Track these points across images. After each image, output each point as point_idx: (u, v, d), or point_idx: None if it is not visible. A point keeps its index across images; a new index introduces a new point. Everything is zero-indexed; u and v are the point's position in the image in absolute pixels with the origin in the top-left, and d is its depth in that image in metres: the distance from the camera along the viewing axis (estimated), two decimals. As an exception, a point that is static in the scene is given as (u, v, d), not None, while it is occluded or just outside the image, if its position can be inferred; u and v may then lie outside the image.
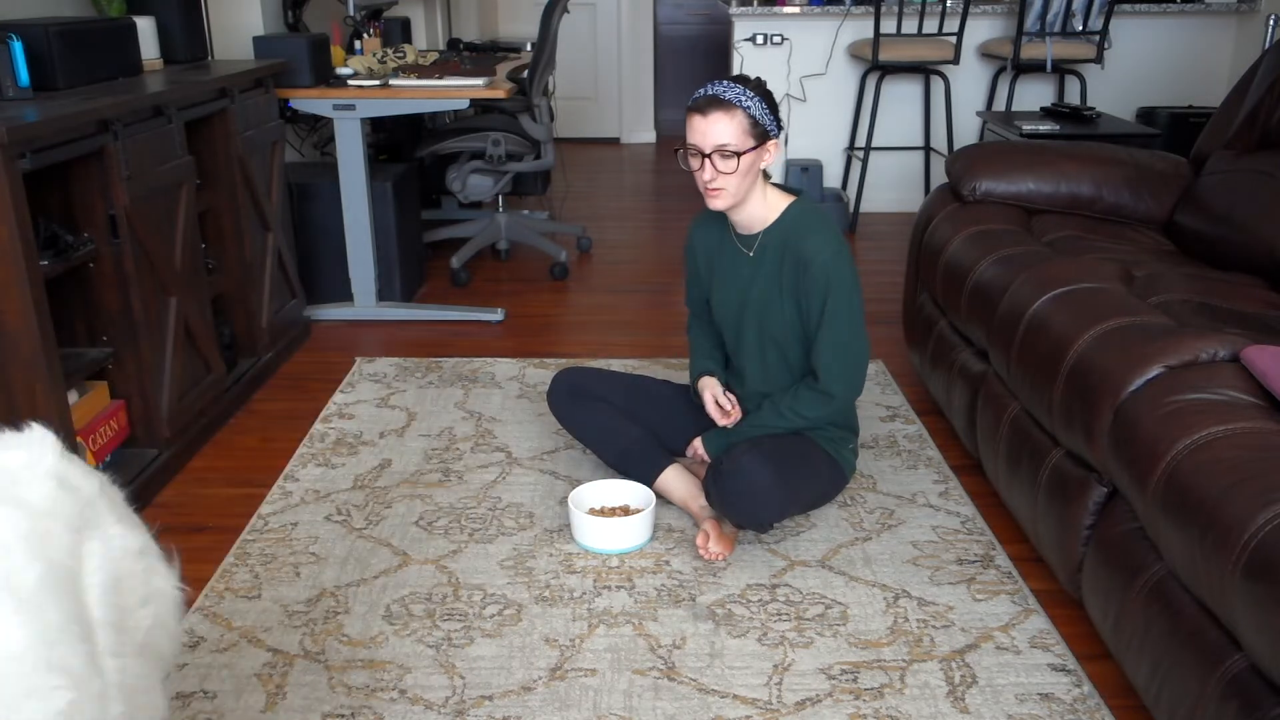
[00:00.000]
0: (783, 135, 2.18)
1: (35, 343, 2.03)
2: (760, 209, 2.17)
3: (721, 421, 2.28)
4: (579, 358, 3.27)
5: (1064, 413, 1.88)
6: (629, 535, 2.18)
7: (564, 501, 2.35)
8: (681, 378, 2.49)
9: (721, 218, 2.26)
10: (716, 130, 2.04)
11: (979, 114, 4.55)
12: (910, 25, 4.55)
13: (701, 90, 2.08)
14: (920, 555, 2.17)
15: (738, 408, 2.30)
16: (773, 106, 2.10)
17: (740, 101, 2.03)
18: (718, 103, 2.04)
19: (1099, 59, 4.53)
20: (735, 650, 1.87)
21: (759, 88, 2.08)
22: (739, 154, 2.04)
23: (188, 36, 3.09)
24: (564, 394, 2.44)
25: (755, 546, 2.20)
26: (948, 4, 4.41)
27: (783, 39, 4.99)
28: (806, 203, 2.20)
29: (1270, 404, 1.59)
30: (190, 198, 2.62)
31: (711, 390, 2.31)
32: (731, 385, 2.38)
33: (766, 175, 2.18)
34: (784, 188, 2.23)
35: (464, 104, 3.45)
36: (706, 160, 2.06)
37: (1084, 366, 1.84)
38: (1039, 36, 4.44)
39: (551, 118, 4.11)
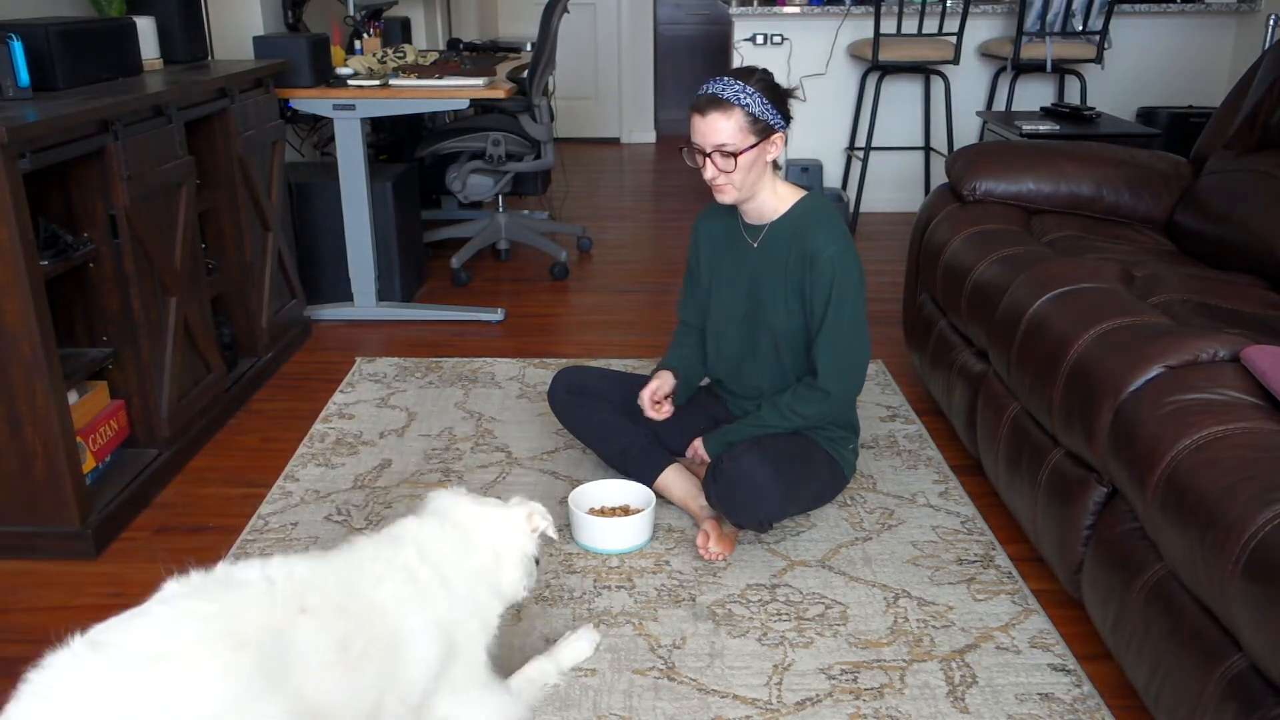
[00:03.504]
0: (792, 125, 2.16)
1: (35, 343, 2.03)
2: (770, 201, 2.17)
3: (648, 412, 2.30)
4: (579, 358, 3.27)
5: (1064, 413, 1.88)
6: (629, 535, 2.18)
7: (564, 501, 2.35)
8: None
9: (732, 208, 2.25)
10: (715, 130, 2.04)
11: (979, 114, 4.55)
12: (910, 25, 4.55)
13: (704, 87, 2.08)
14: (920, 555, 2.17)
15: (668, 410, 2.33)
16: (777, 98, 2.08)
17: (739, 100, 2.02)
18: (716, 102, 2.03)
19: (1099, 59, 4.54)
20: (735, 650, 1.87)
21: (762, 81, 2.06)
22: (737, 153, 2.04)
23: (188, 36, 3.09)
24: (564, 394, 2.44)
25: (755, 546, 2.20)
26: (948, 4, 4.41)
27: (783, 39, 4.99)
28: (817, 198, 2.20)
29: (1270, 404, 1.59)
30: (190, 198, 2.62)
31: (659, 383, 2.32)
32: (728, 386, 2.38)
33: (777, 166, 2.18)
34: (796, 185, 2.23)
35: (464, 104, 3.45)
36: (708, 159, 2.06)
37: (1084, 366, 1.84)
38: (1039, 36, 4.44)
39: (551, 118, 4.11)
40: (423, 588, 1.50)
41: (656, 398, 2.31)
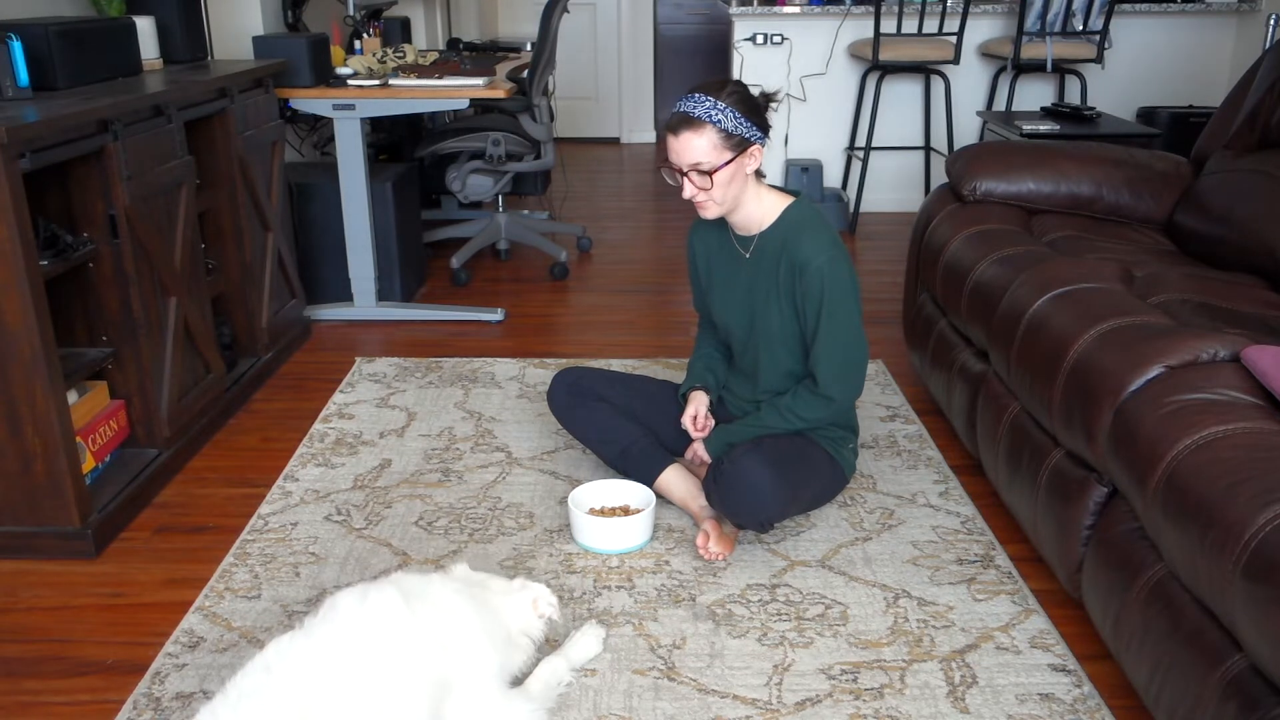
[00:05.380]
0: (772, 135, 2.13)
1: (35, 343, 2.03)
2: (756, 211, 2.16)
3: (693, 435, 2.29)
4: (579, 358, 3.27)
5: (1064, 413, 1.87)
6: (629, 535, 2.18)
7: (564, 501, 2.35)
8: (682, 377, 2.49)
9: (720, 219, 2.25)
10: (688, 149, 2.02)
11: (979, 114, 4.55)
12: (910, 25, 4.55)
13: (676, 104, 2.06)
14: (920, 555, 2.17)
15: (708, 427, 2.31)
16: (752, 110, 2.04)
17: (710, 117, 1.99)
18: (687, 121, 2.01)
19: (1099, 59, 4.54)
20: (735, 650, 1.87)
21: (734, 94, 2.02)
22: (712, 171, 2.02)
23: (188, 36, 3.09)
24: (564, 394, 2.43)
25: (755, 546, 2.20)
26: (948, 4, 4.41)
27: (783, 39, 4.99)
28: (804, 205, 2.19)
29: (1270, 404, 1.59)
30: (190, 198, 2.62)
31: (696, 406, 2.31)
32: (731, 387, 2.38)
33: (760, 175, 2.17)
34: (783, 189, 2.22)
35: (464, 104, 3.45)
36: (685, 178, 2.05)
37: (1084, 366, 1.84)
38: (1039, 36, 4.44)
39: (551, 118, 4.11)
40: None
41: (699, 424, 2.29)
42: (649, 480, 2.31)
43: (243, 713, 1.35)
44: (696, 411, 2.30)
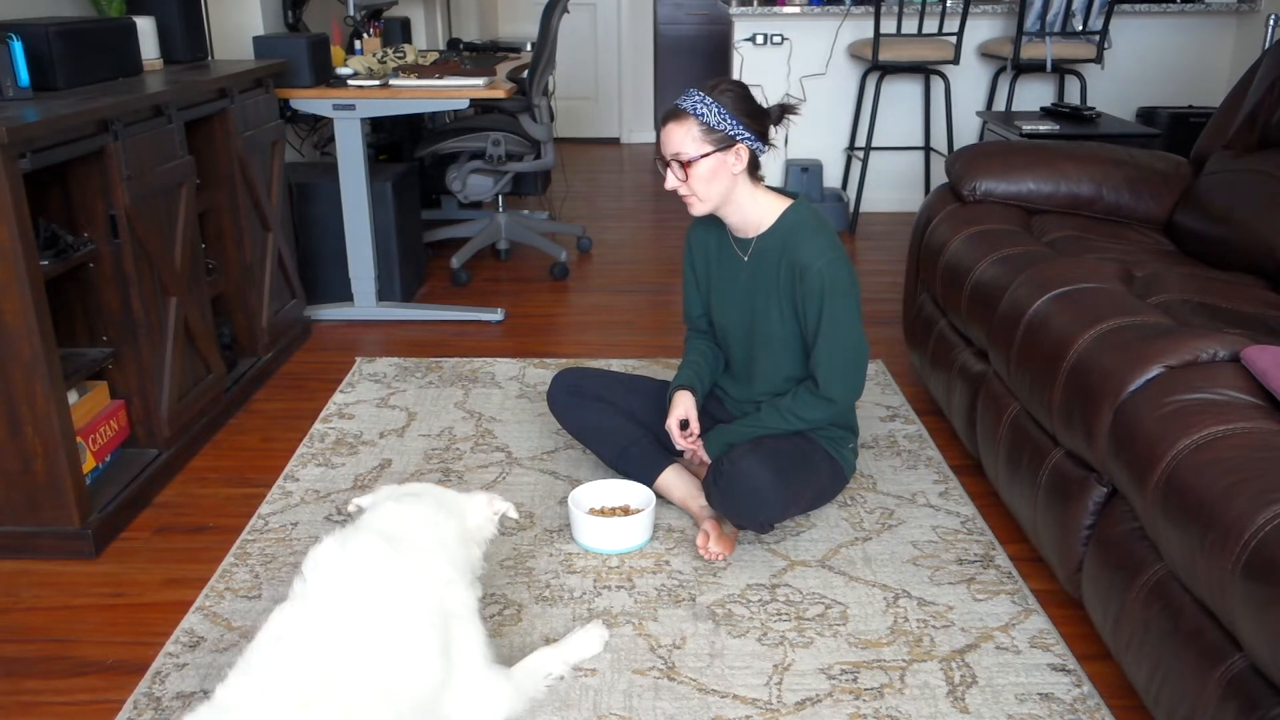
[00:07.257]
0: (774, 140, 2.14)
1: (35, 343, 2.03)
2: (753, 212, 2.16)
3: (679, 443, 2.27)
4: (579, 358, 3.27)
5: (1064, 413, 1.88)
6: (629, 535, 2.18)
7: (564, 501, 2.35)
8: (681, 378, 2.50)
9: (719, 219, 2.25)
10: (670, 139, 2.06)
11: (979, 114, 4.55)
12: (910, 25, 4.55)
13: None
14: (920, 555, 2.17)
15: (698, 441, 2.28)
16: (746, 111, 2.05)
17: (695, 109, 2.03)
18: (674, 112, 2.06)
19: (1099, 59, 4.54)
20: (735, 650, 1.87)
21: (729, 93, 2.04)
22: (688, 162, 2.04)
23: (188, 36, 3.09)
24: (564, 394, 2.44)
25: (755, 546, 2.20)
26: (948, 4, 4.41)
27: (783, 39, 4.99)
28: (803, 207, 2.18)
29: (1270, 404, 1.59)
30: (190, 198, 2.62)
31: (685, 408, 2.28)
32: (728, 388, 2.38)
33: (759, 177, 2.16)
34: (783, 191, 2.22)
35: (464, 104, 3.45)
36: (668, 168, 2.08)
37: (1084, 366, 1.84)
38: (1039, 36, 4.44)
39: (551, 118, 4.12)
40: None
41: (688, 430, 2.27)
42: (649, 480, 2.31)
43: (261, 683, 1.35)
44: (687, 415, 2.28)
